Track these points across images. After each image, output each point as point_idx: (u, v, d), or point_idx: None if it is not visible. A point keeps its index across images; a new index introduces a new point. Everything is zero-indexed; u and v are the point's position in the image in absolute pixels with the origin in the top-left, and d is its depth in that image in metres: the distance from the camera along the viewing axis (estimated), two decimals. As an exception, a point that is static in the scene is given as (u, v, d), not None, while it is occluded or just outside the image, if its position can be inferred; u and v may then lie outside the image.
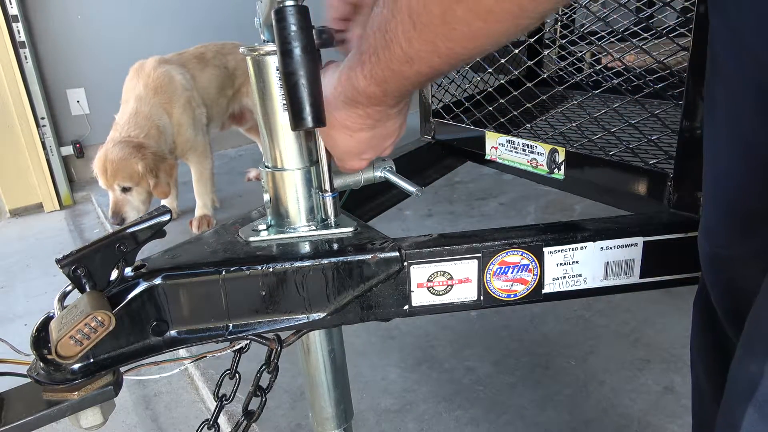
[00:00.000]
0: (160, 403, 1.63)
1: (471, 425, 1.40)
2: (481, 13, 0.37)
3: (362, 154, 0.61)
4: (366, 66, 0.48)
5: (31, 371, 0.60)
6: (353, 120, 0.55)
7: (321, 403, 0.82)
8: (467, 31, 0.39)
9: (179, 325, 0.64)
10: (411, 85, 0.49)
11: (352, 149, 0.60)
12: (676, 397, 1.44)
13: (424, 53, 0.43)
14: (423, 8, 0.39)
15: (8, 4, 3.21)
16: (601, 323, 1.78)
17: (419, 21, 0.40)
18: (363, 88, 0.50)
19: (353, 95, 0.52)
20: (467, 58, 0.44)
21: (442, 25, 0.39)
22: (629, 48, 1.12)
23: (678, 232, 0.69)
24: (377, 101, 0.52)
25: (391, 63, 0.45)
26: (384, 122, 0.56)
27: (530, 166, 1.04)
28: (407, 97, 0.54)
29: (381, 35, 0.45)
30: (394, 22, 0.42)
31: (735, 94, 0.47)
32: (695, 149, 0.72)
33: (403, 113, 0.58)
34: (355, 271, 0.65)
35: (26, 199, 3.40)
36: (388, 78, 0.47)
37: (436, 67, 0.44)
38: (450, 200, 2.90)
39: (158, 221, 0.62)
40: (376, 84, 0.49)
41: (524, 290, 0.68)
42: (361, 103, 0.53)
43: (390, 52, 0.44)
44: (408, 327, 1.82)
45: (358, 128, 0.56)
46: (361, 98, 0.52)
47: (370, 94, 0.51)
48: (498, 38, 0.40)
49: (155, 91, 2.57)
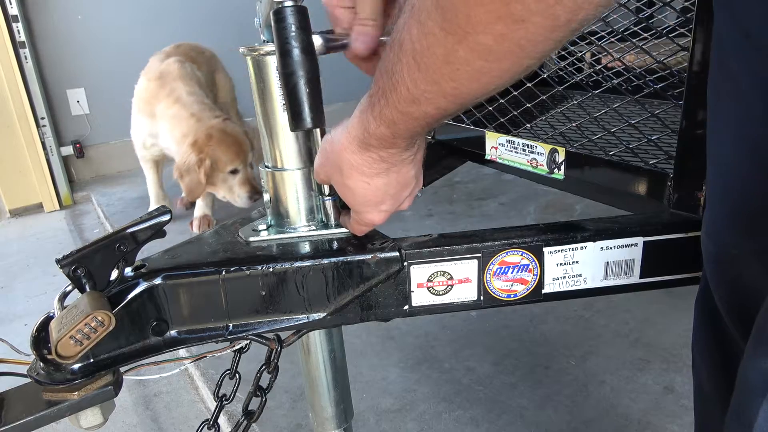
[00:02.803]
0: (160, 403, 1.63)
1: (471, 425, 1.40)
2: (482, 53, 0.38)
3: (380, 204, 0.60)
4: (375, 108, 0.50)
5: (31, 371, 0.60)
6: (368, 164, 0.55)
7: (321, 403, 0.82)
8: (470, 71, 0.40)
9: (179, 325, 0.64)
10: (420, 127, 0.49)
11: (369, 198, 0.59)
12: (676, 397, 1.44)
13: (429, 94, 0.44)
14: (426, 50, 0.41)
15: (8, 4, 3.21)
16: (601, 323, 1.78)
17: (423, 62, 0.42)
18: (373, 130, 0.51)
19: (365, 137, 0.53)
20: (473, 98, 0.45)
21: (446, 66, 0.40)
22: (629, 48, 1.12)
23: (678, 232, 0.69)
24: (388, 143, 0.53)
25: (399, 104, 0.47)
26: (398, 168, 0.57)
27: (530, 166, 1.04)
28: (418, 139, 0.55)
29: (388, 77, 0.46)
30: (399, 64, 0.44)
31: (741, 91, 0.47)
32: (695, 149, 0.71)
33: (417, 161, 0.59)
34: (355, 271, 0.65)
35: (26, 199, 3.40)
36: (396, 119, 0.49)
37: (444, 108, 0.45)
38: (450, 200, 2.90)
39: (158, 221, 0.62)
40: (386, 125, 0.50)
41: (524, 290, 0.68)
42: (374, 146, 0.53)
43: (397, 93, 0.46)
44: (408, 327, 1.82)
45: (373, 173, 0.56)
46: (373, 141, 0.53)
47: (381, 136, 0.51)
48: (501, 78, 0.41)
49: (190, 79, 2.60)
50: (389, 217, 0.63)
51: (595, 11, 0.35)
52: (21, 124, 3.26)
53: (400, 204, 0.62)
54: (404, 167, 0.57)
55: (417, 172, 0.61)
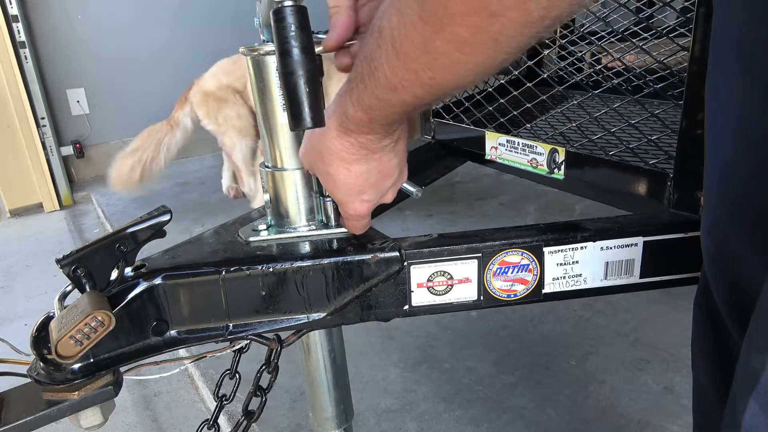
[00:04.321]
0: (160, 403, 1.63)
1: (471, 425, 1.40)
2: (458, 45, 0.39)
3: (362, 193, 0.61)
4: (354, 93, 0.50)
5: (31, 371, 0.60)
6: (347, 150, 0.56)
7: (321, 403, 0.82)
8: (447, 62, 0.41)
9: (179, 325, 0.64)
10: (396, 114, 0.50)
11: (351, 186, 0.60)
12: (676, 397, 1.44)
13: (406, 82, 0.45)
14: (405, 38, 0.41)
15: (8, 4, 3.21)
16: (601, 323, 1.78)
17: (402, 50, 0.43)
18: (351, 115, 0.52)
19: (343, 122, 0.54)
20: (449, 89, 0.45)
21: (424, 55, 0.41)
22: (629, 48, 1.12)
23: (678, 232, 0.69)
24: (366, 129, 0.53)
25: (377, 90, 0.47)
26: (379, 155, 0.57)
27: (530, 166, 1.04)
28: (397, 127, 0.55)
29: (367, 63, 0.47)
30: (379, 51, 0.45)
31: (740, 90, 0.47)
32: (695, 149, 0.71)
33: (398, 150, 0.59)
34: (355, 271, 0.65)
35: (26, 199, 3.40)
36: (374, 105, 0.49)
37: (420, 97, 0.46)
38: (450, 200, 2.90)
39: (158, 221, 0.62)
40: (363, 111, 0.51)
41: (524, 290, 0.68)
42: (352, 131, 0.54)
43: (375, 80, 0.47)
44: (408, 327, 1.82)
45: (353, 159, 0.57)
46: (351, 125, 0.53)
47: (358, 121, 0.52)
48: (476, 70, 0.42)
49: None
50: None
51: (569, 9, 0.36)
52: (21, 124, 3.26)
53: (383, 195, 0.62)
54: (385, 155, 0.58)
55: (400, 162, 0.61)
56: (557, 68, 1.44)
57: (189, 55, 3.97)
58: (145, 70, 3.86)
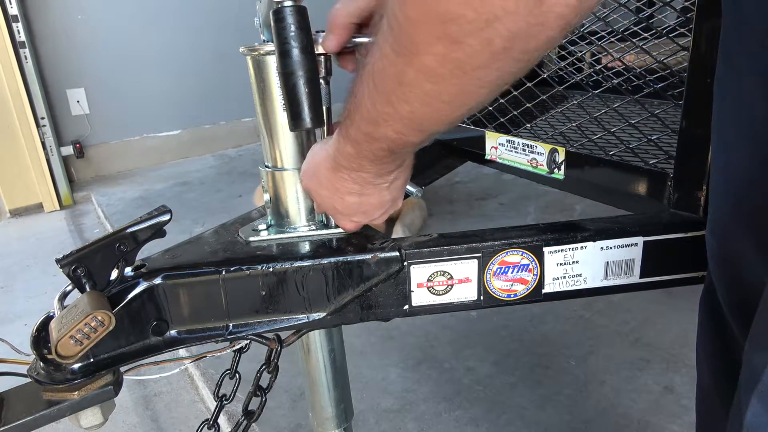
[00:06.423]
0: (160, 403, 1.63)
1: (471, 425, 1.40)
2: (428, 75, 0.39)
3: (351, 216, 0.62)
4: (343, 127, 0.51)
5: (31, 371, 0.60)
6: (340, 183, 0.57)
7: (321, 403, 0.82)
8: (420, 94, 0.41)
9: (179, 325, 0.64)
10: (382, 151, 0.50)
11: (340, 210, 0.61)
12: (676, 397, 1.44)
13: (386, 116, 0.45)
14: (382, 71, 0.42)
15: (8, 4, 3.21)
16: (601, 323, 1.78)
17: (379, 83, 0.43)
18: (341, 148, 0.53)
19: (336, 156, 0.54)
20: (432, 125, 0.45)
21: (399, 87, 0.41)
22: (629, 48, 1.12)
23: (678, 232, 0.69)
24: (356, 164, 0.54)
25: (361, 124, 0.48)
26: (371, 192, 0.58)
27: (530, 166, 1.04)
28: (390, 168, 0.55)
29: (353, 98, 0.48)
30: (362, 85, 0.46)
31: (746, 90, 0.47)
32: (695, 149, 0.72)
33: (393, 188, 0.59)
34: (355, 271, 0.65)
35: (26, 199, 3.40)
36: (359, 139, 0.50)
37: (403, 132, 0.46)
38: (450, 200, 2.90)
39: (158, 221, 0.62)
40: (351, 144, 0.51)
41: (524, 290, 0.68)
42: (344, 167, 0.55)
43: (359, 114, 0.47)
44: (408, 327, 1.81)
45: (346, 192, 0.58)
46: (343, 160, 0.54)
47: (347, 155, 0.53)
48: (453, 103, 0.41)
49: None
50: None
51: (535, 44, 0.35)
52: (21, 124, 3.26)
53: (372, 219, 0.64)
54: (377, 192, 0.58)
55: (395, 197, 0.61)
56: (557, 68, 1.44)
57: (189, 55, 3.97)
58: (145, 70, 3.86)
